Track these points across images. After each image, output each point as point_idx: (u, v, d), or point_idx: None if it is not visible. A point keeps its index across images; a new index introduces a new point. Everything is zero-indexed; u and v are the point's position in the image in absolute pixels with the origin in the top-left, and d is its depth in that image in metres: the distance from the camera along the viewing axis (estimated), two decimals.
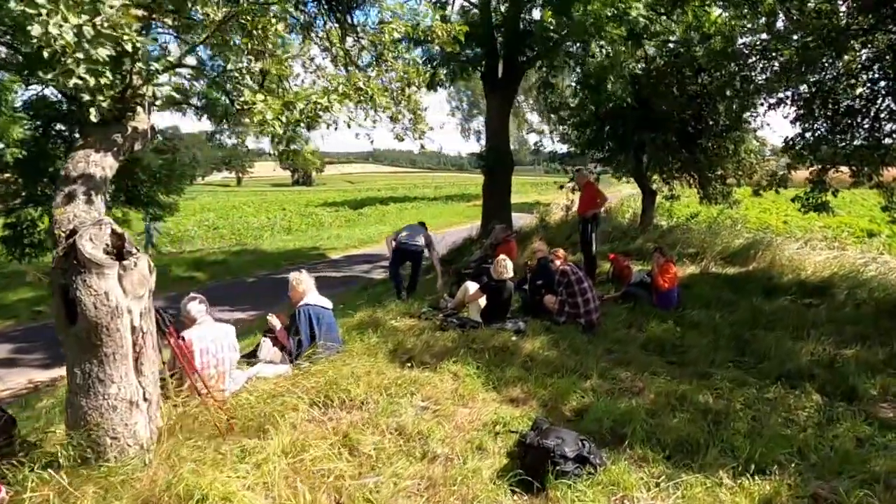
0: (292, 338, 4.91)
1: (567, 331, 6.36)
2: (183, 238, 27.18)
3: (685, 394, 4.62)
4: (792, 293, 8.09)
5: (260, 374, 4.61)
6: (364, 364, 4.83)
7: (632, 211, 19.91)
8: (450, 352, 5.44)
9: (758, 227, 16.63)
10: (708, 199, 14.83)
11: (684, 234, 12.94)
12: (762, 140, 14.74)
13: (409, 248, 8.63)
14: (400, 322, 6.52)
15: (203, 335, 4.09)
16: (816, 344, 5.93)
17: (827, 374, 5.14)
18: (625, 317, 7.14)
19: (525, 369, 5.15)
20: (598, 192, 9.54)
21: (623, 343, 6.18)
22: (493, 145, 13.42)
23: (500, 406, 4.36)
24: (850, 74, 9.04)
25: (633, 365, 5.45)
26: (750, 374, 5.20)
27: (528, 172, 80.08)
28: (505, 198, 13.62)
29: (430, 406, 4.23)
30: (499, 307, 6.40)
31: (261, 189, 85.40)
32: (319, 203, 46.64)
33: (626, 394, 4.70)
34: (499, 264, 6.40)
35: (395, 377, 4.65)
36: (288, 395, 3.96)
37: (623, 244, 12.61)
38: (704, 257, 10.47)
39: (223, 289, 13.74)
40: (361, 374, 4.61)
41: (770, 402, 4.59)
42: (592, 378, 4.93)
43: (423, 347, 5.52)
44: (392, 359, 5.19)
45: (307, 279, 5.10)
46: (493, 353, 5.50)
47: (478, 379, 4.80)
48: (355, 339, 5.69)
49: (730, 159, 14.07)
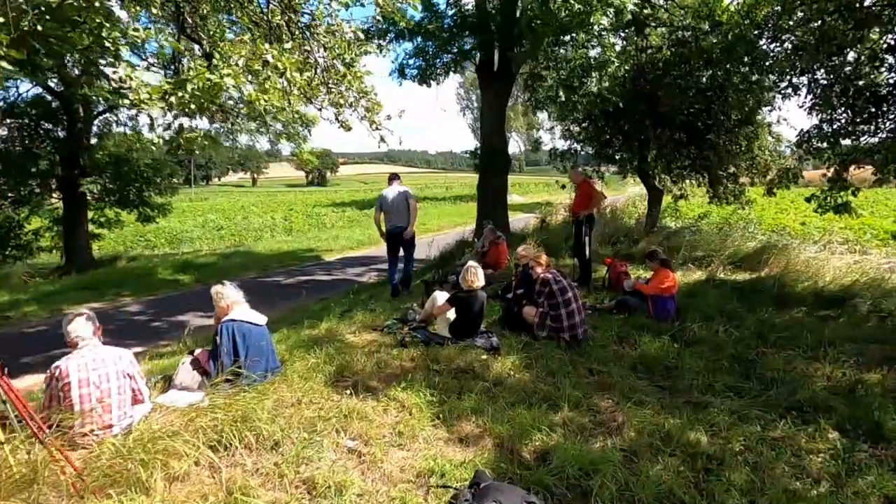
0: (212, 360, 4.21)
1: (548, 347, 5.61)
2: (182, 239, 26.87)
3: (673, 431, 3.85)
4: (807, 304, 7.23)
5: (172, 403, 3.93)
6: (294, 391, 4.13)
7: (639, 211, 18.98)
8: (405, 374, 4.72)
9: (773, 229, 15.67)
10: (718, 199, 13.93)
11: (692, 236, 12.07)
12: (777, 136, 13.82)
13: (394, 231, 8.33)
14: (358, 337, 5.82)
15: (83, 363, 3.40)
16: (834, 367, 5.08)
17: (846, 406, 4.31)
18: (616, 330, 6.34)
19: (489, 397, 4.41)
20: (595, 191, 8.77)
21: (610, 362, 5.38)
22: (488, 141, 12.67)
23: (446, 447, 3.63)
24: (873, 57, 8.07)
25: (617, 390, 4.68)
26: (754, 405, 4.38)
27: (543, 172, 79.11)
28: (500, 196, 12.90)
29: (358, 448, 3.51)
30: (469, 321, 5.65)
31: (275, 189, 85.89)
32: (327, 203, 46.28)
33: (602, 430, 3.93)
34: (468, 272, 5.66)
35: (328, 408, 3.94)
36: (183, 434, 3.27)
37: (625, 247, 11.80)
38: (712, 262, 9.63)
39: (206, 292, 13.10)
40: (287, 405, 3.91)
41: (776, 442, 3.80)
42: (564, 409, 4.16)
43: (374, 369, 4.80)
44: (333, 383, 4.48)
45: (232, 292, 4.40)
46: (454, 376, 4.76)
47: (427, 410, 4.06)
48: (301, 358, 4.99)
49: (742, 157, 13.19)
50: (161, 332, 9.27)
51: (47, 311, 11.07)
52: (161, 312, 10.70)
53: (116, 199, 17.51)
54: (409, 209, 8.25)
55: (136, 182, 16.83)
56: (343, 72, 3.85)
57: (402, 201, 8.27)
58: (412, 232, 8.36)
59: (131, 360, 3.67)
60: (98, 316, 3.80)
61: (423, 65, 12.42)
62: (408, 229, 8.25)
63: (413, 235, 8.46)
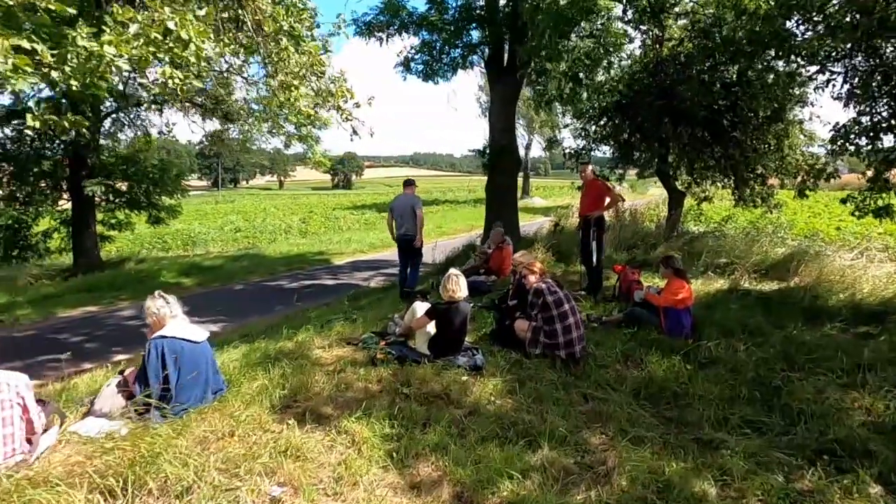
0: (138, 383, 3.67)
1: (540, 367, 4.95)
2: (197, 241, 26.78)
3: (674, 479, 3.16)
4: (842, 319, 6.36)
5: (87, 433, 3.40)
6: (229, 420, 3.55)
7: (660, 215, 18.04)
8: (368, 399, 4.12)
9: (805, 234, 14.62)
10: (744, 202, 12.98)
11: (716, 241, 11.20)
12: (810, 134, 12.81)
13: (403, 237, 8.56)
14: (328, 352, 5.23)
15: None
16: (875, 398, 4.28)
17: (890, 450, 3.55)
18: (621, 347, 5.63)
19: (459, 429, 3.77)
20: (607, 191, 8.06)
21: (609, 387, 4.69)
22: (496, 140, 11.99)
23: (392, 496, 3.00)
24: None
25: (614, 422, 3.99)
26: (776, 446, 3.65)
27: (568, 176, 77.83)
28: (508, 198, 12.22)
29: (285, 496, 2.91)
30: (449, 336, 5.01)
31: (300, 192, 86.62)
32: (348, 206, 46.20)
33: (588, 477, 3.26)
34: (448, 280, 5.02)
35: (264, 442, 3.35)
36: (66, 479, 2.71)
37: (642, 253, 11.00)
38: (736, 269, 8.77)
39: (206, 296, 12.70)
40: (216, 438, 3.34)
41: (803, 498, 3.09)
42: (545, 448, 3.50)
43: (332, 392, 4.20)
44: (279, 410, 3.89)
45: (165, 305, 3.84)
46: (424, 402, 4.14)
47: (381, 447, 3.45)
48: (253, 378, 4.42)
49: (771, 156, 12.25)
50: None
51: (41, 315, 10.78)
52: None
53: (125, 201, 17.36)
54: (415, 217, 8.42)
55: (142, 183, 16.60)
56: (285, 44, 3.28)
57: (409, 209, 8.45)
58: (420, 241, 8.58)
59: (26, 384, 3.13)
60: (90, 321, 3.34)
61: (428, 59, 11.85)
62: (416, 239, 8.47)
63: (421, 244, 8.68)
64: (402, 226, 8.53)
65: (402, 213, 8.53)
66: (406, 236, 8.50)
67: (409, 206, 8.48)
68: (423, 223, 8.59)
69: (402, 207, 8.56)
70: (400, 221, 8.55)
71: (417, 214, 8.45)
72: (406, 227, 8.47)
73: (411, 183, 8.97)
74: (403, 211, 8.51)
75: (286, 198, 67.73)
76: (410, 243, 8.51)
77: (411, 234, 8.44)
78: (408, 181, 9.04)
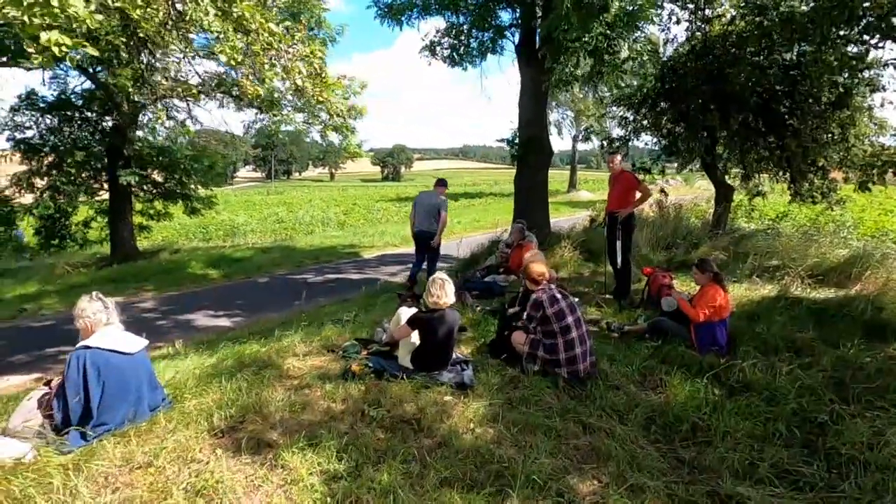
0: (56, 399, 3.24)
1: (537, 387, 4.29)
2: (237, 232, 27.08)
3: None
4: None
5: None
6: (150, 448, 3.08)
7: (707, 211, 16.77)
8: (326, 422, 3.58)
9: (873, 234, 13.17)
10: (801, 197, 11.72)
11: (767, 240, 10.09)
12: (881, 122, 11.43)
13: (421, 234, 8.57)
14: (303, 361, 4.72)
15: None
16: None
17: None
18: (640, 363, 4.89)
19: (421, 466, 3.18)
20: (637, 184, 7.26)
21: (616, 414, 3.99)
22: (525, 130, 11.21)
23: None
24: None
25: (613, 463, 3.31)
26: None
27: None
28: (540, 192, 11.42)
29: None
30: (433, 348, 4.39)
31: (350, 184, 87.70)
32: (392, 198, 46.11)
33: None
34: (433, 284, 4.41)
35: (180, 480, 2.86)
36: None
37: (682, 253, 10.04)
38: (787, 274, 7.74)
39: (228, 289, 12.53)
40: (125, 471, 2.87)
41: None
42: (515, 498, 2.86)
43: (288, 413, 3.68)
44: (222, 433, 3.40)
45: (102, 311, 3.40)
46: (391, 428, 3.56)
47: (319, 488, 2.89)
48: (203, 393, 3.95)
49: (834, 147, 10.97)
50: (162, 332, 8.63)
51: (65, 305, 10.84)
52: (172, 310, 10.18)
53: (160, 192, 17.55)
54: (438, 217, 8.48)
55: (175, 174, 16.70)
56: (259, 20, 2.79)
57: (434, 208, 8.52)
58: (439, 241, 8.58)
59: None
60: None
61: (455, 43, 11.18)
62: (435, 238, 8.49)
63: (439, 244, 8.66)
64: (419, 222, 8.56)
65: (423, 210, 8.56)
66: (424, 233, 8.51)
67: (434, 205, 8.53)
68: (445, 225, 8.62)
69: (425, 204, 8.60)
70: (419, 218, 8.57)
71: (442, 215, 8.50)
72: (424, 224, 8.50)
73: (443, 184, 8.99)
74: (425, 208, 8.56)
75: (334, 189, 68.47)
76: (428, 241, 8.51)
77: (430, 231, 8.47)
78: (440, 181, 9.05)
